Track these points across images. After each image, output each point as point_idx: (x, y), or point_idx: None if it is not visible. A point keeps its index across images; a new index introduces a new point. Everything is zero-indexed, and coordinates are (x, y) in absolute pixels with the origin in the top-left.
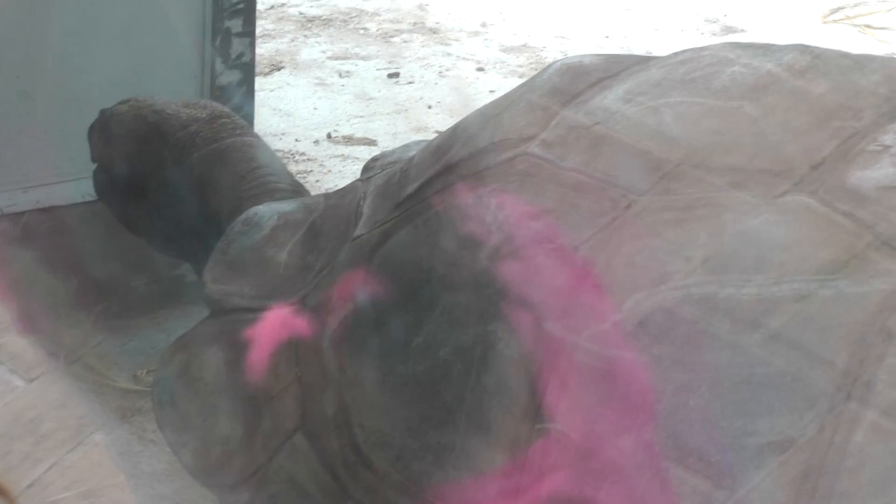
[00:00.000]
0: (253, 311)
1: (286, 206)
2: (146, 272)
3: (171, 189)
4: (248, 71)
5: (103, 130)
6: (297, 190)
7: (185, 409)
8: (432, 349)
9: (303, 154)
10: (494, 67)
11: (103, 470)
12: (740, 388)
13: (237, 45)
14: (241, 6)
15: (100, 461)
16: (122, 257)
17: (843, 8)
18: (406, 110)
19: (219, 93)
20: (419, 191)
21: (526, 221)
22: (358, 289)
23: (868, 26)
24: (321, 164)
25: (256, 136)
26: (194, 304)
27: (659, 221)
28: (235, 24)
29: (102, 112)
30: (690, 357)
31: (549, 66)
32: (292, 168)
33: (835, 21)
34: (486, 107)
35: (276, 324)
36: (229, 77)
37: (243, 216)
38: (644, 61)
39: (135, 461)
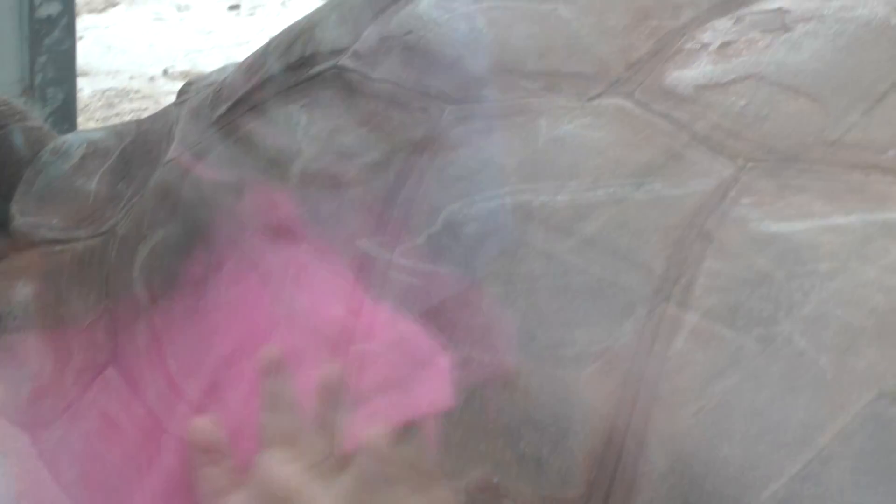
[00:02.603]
0: (62, 243)
1: (96, 133)
2: None
3: None
4: (68, 2)
5: None
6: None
7: None
8: (241, 273)
9: (137, 91)
10: None
11: None
12: (556, 298)
13: None
14: None
15: None
16: None
17: None
18: (247, 42)
19: (38, 26)
20: (231, 110)
21: (335, 137)
22: (169, 214)
23: None
24: (156, 102)
25: (37, 119)
26: None
27: (472, 130)
28: None
29: None
30: (506, 268)
31: None
32: (126, 106)
33: None
34: (298, 21)
35: (84, 255)
36: (48, 9)
37: (51, 145)
38: None
39: None
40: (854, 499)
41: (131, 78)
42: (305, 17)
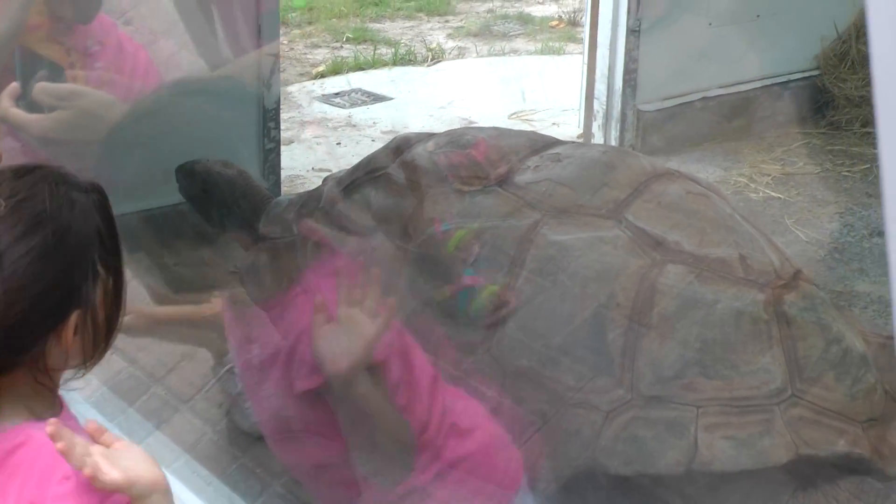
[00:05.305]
0: (280, 239)
1: (292, 196)
2: None
3: (223, 202)
4: (277, 144)
5: (188, 172)
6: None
7: (249, 281)
8: (351, 253)
9: (306, 178)
10: None
11: None
12: None
13: (273, 133)
14: (273, 110)
15: None
16: None
17: (522, 112)
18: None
19: (265, 156)
20: (347, 186)
21: (387, 201)
22: (321, 228)
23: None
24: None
25: (256, 179)
26: None
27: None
28: (273, 126)
29: (182, 165)
30: None
31: (395, 137)
32: (300, 188)
33: (515, 118)
34: (369, 154)
35: (285, 245)
36: (270, 145)
37: (275, 201)
38: (431, 135)
39: None
40: None
41: (300, 174)
42: (372, 153)
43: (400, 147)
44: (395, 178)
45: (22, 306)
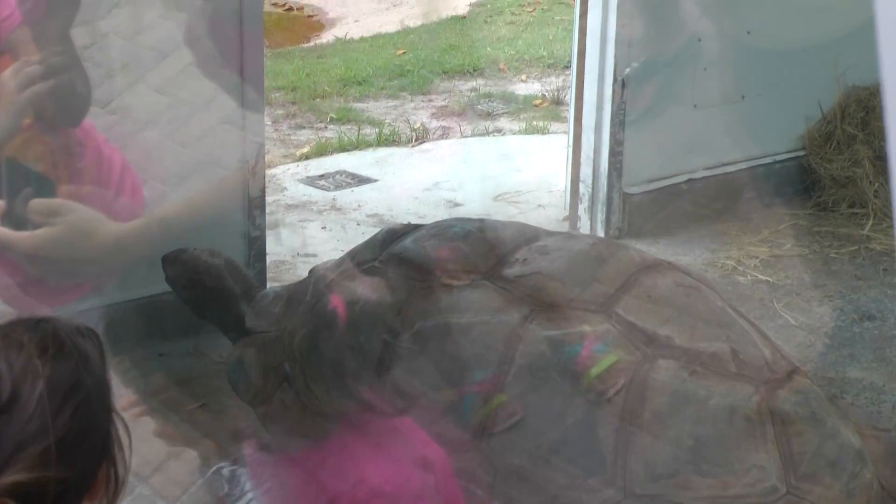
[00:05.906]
0: (267, 333)
1: (278, 288)
2: None
3: (211, 293)
4: (262, 231)
5: (174, 261)
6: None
7: (236, 377)
8: (339, 348)
9: (292, 262)
10: None
11: None
12: None
13: (258, 220)
14: (259, 198)
15: None
16: None
17: (508, 193)
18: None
19: (251, 243)
20: (327, 284)
21: (378, 291)
22: (308, 323)
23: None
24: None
25: (244, 269)
26: None
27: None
28: (259, 213)
29: (168, 254)
30: None
31: (382, 229)
32: (286, 277)
33: (501, 200)
34: (354, 247)
35: (272, 339)
36: (256, 233)
37: (261, 293)
38: (417, 226)
39: None
40: None
41: (285, 259)
42: (358, 245)
43: (386, 240)
44: (382, 272)
45: (81, 467)
